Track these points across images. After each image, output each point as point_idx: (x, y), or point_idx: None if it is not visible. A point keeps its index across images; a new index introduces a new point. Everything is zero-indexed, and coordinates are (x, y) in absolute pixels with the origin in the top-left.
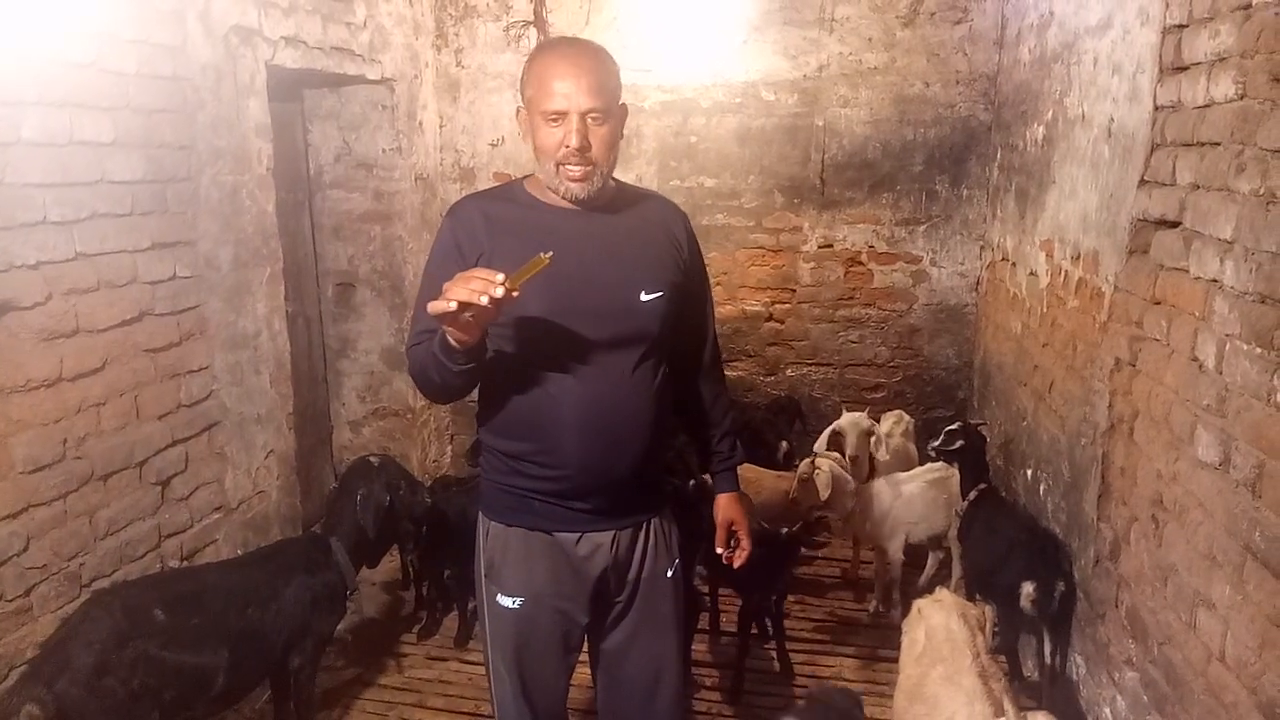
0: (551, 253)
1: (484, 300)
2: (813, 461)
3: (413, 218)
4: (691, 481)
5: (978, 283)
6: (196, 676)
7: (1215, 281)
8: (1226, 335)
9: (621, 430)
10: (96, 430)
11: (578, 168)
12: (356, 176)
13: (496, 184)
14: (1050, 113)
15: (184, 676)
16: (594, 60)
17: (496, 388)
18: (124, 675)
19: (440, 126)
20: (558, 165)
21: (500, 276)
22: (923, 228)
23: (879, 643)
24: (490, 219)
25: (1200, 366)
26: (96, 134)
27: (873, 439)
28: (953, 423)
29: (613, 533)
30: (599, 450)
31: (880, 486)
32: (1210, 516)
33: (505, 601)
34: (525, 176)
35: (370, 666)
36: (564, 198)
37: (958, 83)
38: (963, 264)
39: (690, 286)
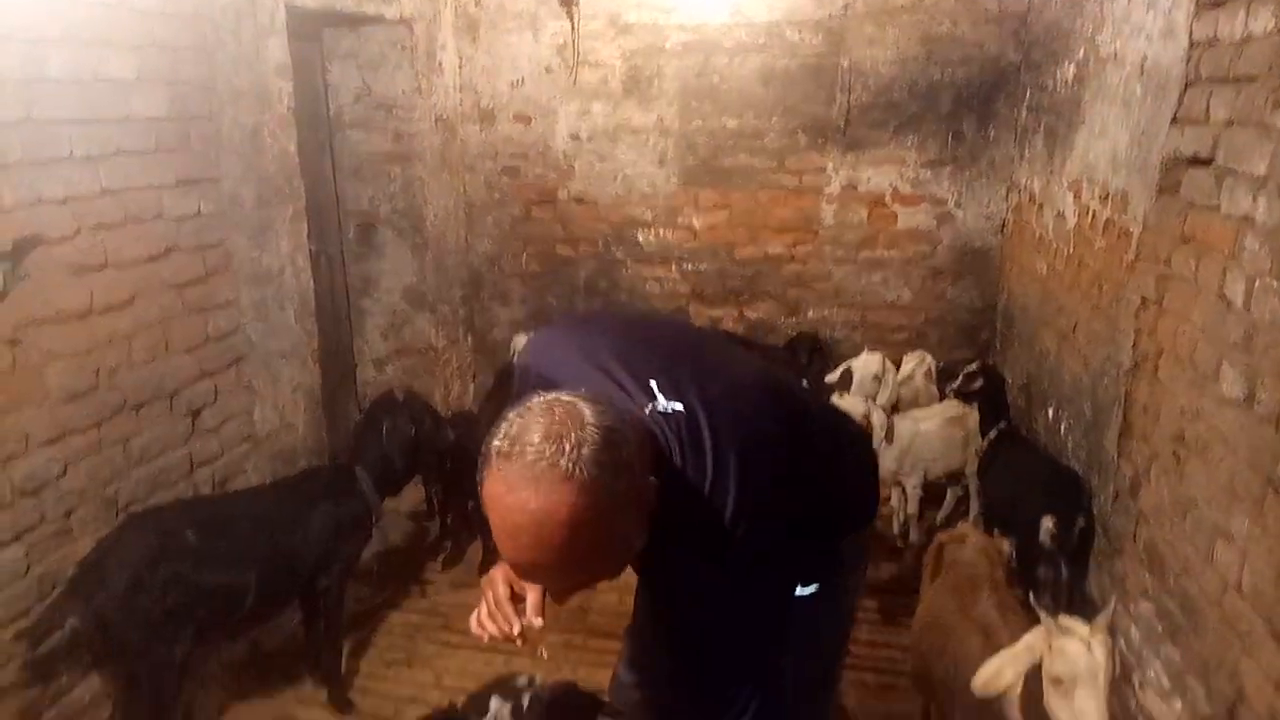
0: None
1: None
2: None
3: (432, 158)
4: None
5: (1003, 225)
6: (227, 596)
7: (1247, 219)
8: (1256, 272)
9: None
10: (127, 362)
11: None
12: (376, 117)
13: None
14: (1081, 51)
15: (215, 596)
16: (550, 550)
17: None
18: (157, 594)
19: (459, 67)
20: None
21: (517, 628)
22: (948, 169)
23: (898, 574)
24: None
25: (1228, 304)
26: (120, 71)
27: (881, 383)
28: (974, 364)
29: None
30: None
31: (900, 423)
32: (1232, 452)
33: None
34: None
35: (396, 592)
36: None
37: (987, 21)
38: (988, 206)
39: None
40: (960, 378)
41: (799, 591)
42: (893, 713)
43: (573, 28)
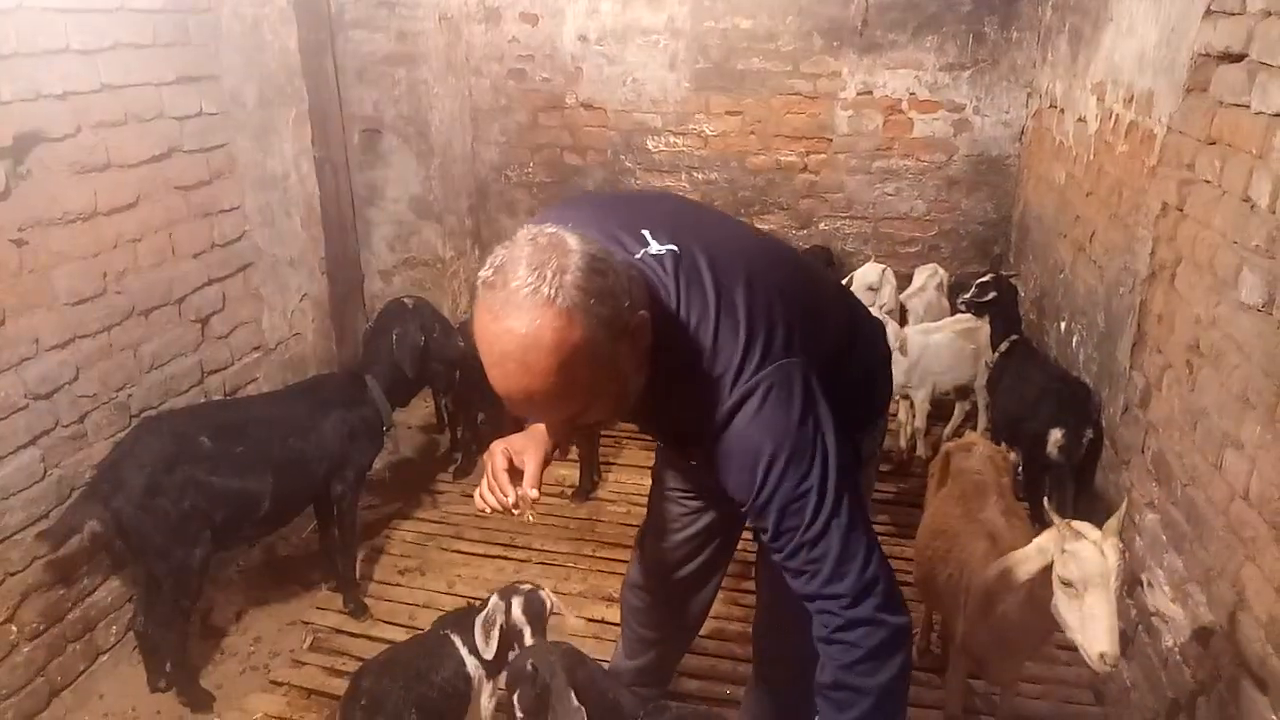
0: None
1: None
2: None
3: (437, 60)
4: None
5: (1022, 132)
6: (243, 500)
7: (1278, 116)
8: None
9: None
10: (134, 266)
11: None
12: (379, 15)
13: None
14: None
15: (231, 499)
16: (536, 376)
17: None
18: (175, 496)
19: None
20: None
21: (511, 498)
22: (967, 73)
23: (905, 488)
24: None
25: (1252, 207)
26: None
27: (876, 293)
28: (987, 275)
29: None
30: None
31: (910, 335)
32: (1248, 359)
33: None
34: None
35: (409, 502)
36: None
37: None
38: (1008, 112)
39: None
40: (972, 289)
41: None
42: None
43: None
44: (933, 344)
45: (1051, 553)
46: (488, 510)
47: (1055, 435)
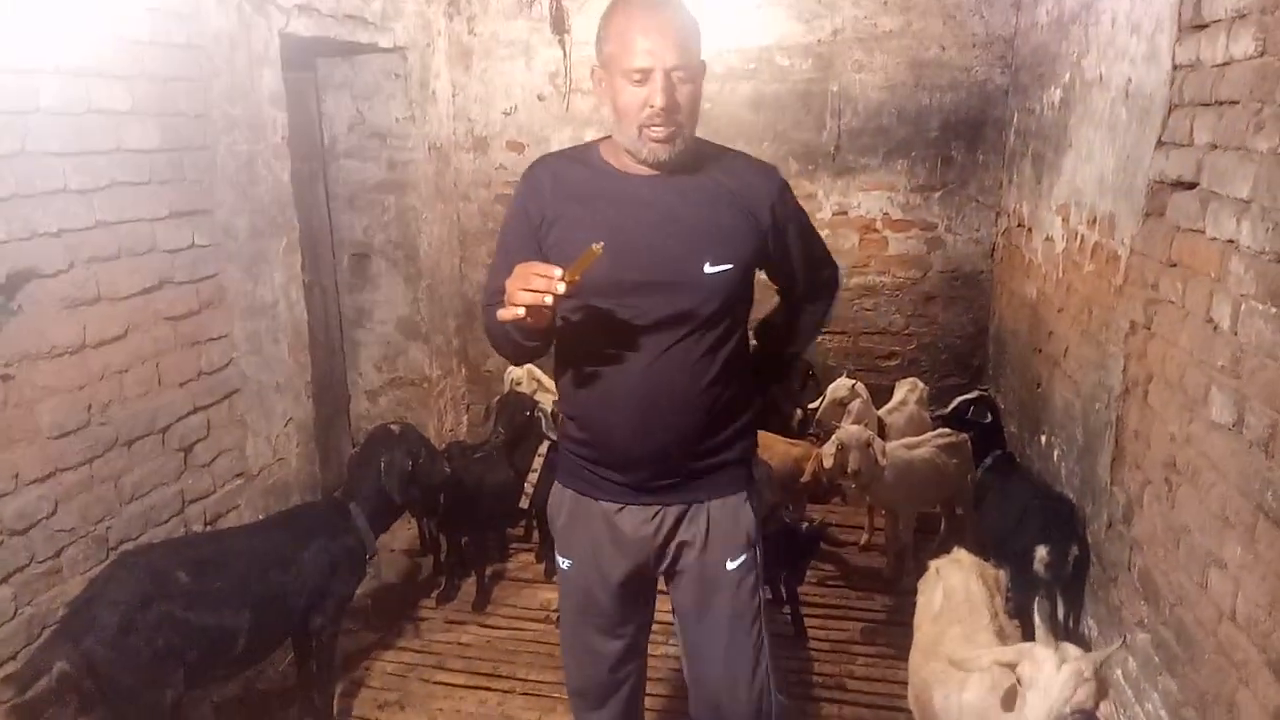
0: (602, 243)
1: (548, 300)
2: (840, 445)
3: (426, 187)
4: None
5: (993, 249)
6: (219, 637)
7: (1231, 242)
8: (1242, 295)
9: (667, 404)
10: (120, 397)
11: (662, 129)
12: (370, 146)
13: (575, 145)
14: (1068, 75)
15: (207, 637)
16: (678, 15)
17: (562, 351)
18: (149, 635)
19: (453, 95)
20: (640, 128)
21: (558, 273)
22: (938, 194)
23: (893, 606)
24: (558, 181)
25: (1215, 328)
26: (113, 102)
27: (845, 410)
28: (967, 390)
29: (658, 509)
30: (641, 422)
31: (893, 451)
32: (1223, 477)
33: (561, 561)
34: (604, 138)
35: (390, 631)
36: (645, 161)
37: (974, 46)
38: (978, 230)
39: (777, 252)
40: (953, 405)
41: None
42: None
43: (565, 55)
44: (916, 459)
45: (1024, 657)
46: (522, 312)
47: (1041, 553)
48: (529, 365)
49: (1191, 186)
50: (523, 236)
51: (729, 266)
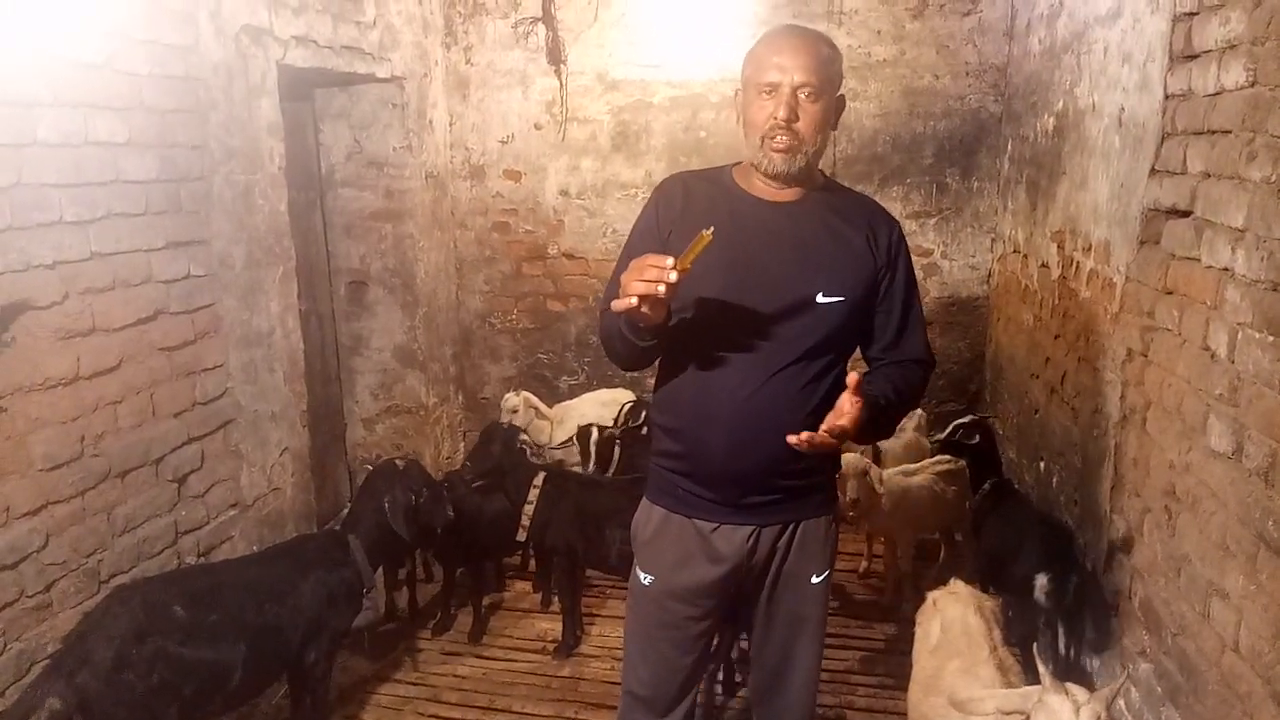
0: (713, 228)
1: (660, 290)
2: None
3: (423, 216)
4: None
5: (989, 275)
6: (214, 672)
7: (1227, 270)
8: (1238, 324)
9: (766, 426)
10: (114, 428)
11: (783, 138)
12: (367, 175)
13: (710, 166)
14: (1061, 103)
15: (202, 672)
16: (816, 42)
17: (667, 364)
18: (143, 670)
19: (450, 124)
20: (763, 138)
21: (670, 261)
22: (933, 220)
23: (892, 634)
24: (690, 196)
25: (1212, 355)
26: (110, 134)
27: None
28: (964, 416)
29: (754, 528)
30: (740, 442)
31: (891, 479)
32: (1223, 506)
33: (642, 576)
34: (737, 163)
35: (386, 663)
36: (766, 173)
37: (967, 74)
38: (974, 257)
39: (884, 298)
40: (948, 429)
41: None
42: None
43: (561, 85)
44: (914, 486)
45: (1032, 702)
46: (635, 300)
47: (1041, 581)
48: (526, 394)
49: (1186, 214)
50: (649, 244)
51: (840, 299)
